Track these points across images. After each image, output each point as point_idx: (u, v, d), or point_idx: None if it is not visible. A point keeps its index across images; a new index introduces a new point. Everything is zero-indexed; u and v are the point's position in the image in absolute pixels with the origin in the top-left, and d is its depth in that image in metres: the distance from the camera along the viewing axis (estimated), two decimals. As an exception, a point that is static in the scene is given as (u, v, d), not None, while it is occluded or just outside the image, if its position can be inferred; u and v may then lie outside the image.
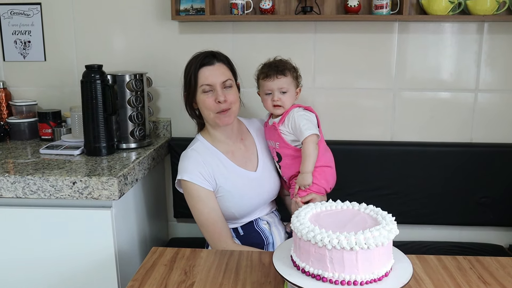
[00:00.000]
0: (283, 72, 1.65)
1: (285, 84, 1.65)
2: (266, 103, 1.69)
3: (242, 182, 1.68)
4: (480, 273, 1.25)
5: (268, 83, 1.66)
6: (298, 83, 1.72)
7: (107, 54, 2.17)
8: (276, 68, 1.66)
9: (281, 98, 1.66)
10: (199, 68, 1.61)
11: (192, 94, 1.64)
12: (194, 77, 1.61)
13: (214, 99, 1.61)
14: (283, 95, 1.66)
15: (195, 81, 1.62)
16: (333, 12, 2.04)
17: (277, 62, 1.69)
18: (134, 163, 1.71)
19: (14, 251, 1.61)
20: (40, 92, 2.25)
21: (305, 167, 1.59)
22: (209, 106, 1.62)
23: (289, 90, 1.66)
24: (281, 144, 1.69)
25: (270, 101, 1.67)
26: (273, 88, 1.65)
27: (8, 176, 1.54)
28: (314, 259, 1.02)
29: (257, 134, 1.80)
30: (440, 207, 2.11)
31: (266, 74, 1.66)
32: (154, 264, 1.31)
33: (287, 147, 1.68)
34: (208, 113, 1.63)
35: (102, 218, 1.56)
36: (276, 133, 1.69)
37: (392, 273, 1.06)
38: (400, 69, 2.11)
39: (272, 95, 1.66)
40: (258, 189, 1.71)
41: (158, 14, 2.12)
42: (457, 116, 2.14)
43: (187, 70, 1.64)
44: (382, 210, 1.12)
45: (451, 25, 2.06)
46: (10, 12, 2.17)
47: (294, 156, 1.67)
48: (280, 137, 1.68)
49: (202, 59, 1.62)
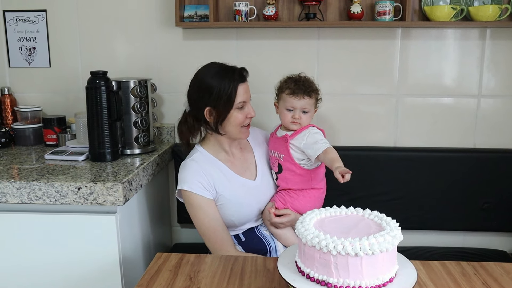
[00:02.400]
0: (309, 94, 1.67)
1: (308, 105, 1.67)
2: (285, 118, 1.70)
3: (241, 190, 1.69)
4: (485, 279, 1.25)
5: (294, 101, 1.67)
6: (317, 105, 1.74)
7: (111, 61, 2.19)
8: (304, 88, 1.66)
9: (302, 117, 1.67)
10: (237, 84, 1.60)
11: (227, 110, 1.61)
12: (235, 93, 1.59)
13: (245, 114, 1.63)
14: (303, 114, 1.68)
15: (235, 97, 1.60)
16: (336, 18, 2.06)
17: (305, 81, 1.69)
18: (138, 169, 1.71)
19: (19, 256, 1.61)
20: (45, 98, 2.27)
21: (338, 164, 1.52)
22: (240, 121, 1.63)
23: (310, 110, 1.69)
24: (285, 157, 1.70)
25: (290, 117, 1.68)
26: (295, 106, 1.67)
27: (14, 182, 1.55)
28: (319, 265, 1.02)
29: (255, 143, 1.82)
30: (444, 212, 2.11)
31: (293, 91, 1.66)
32: (159, 269, 1.31)
33: (291, 162, 1.69)
34: (235, 128, 1.64)
35: (107, 223, 1.57)
36: (284, 146, 1.70)
37: (396, 279, 1.06)
38: (403, 75, 2.12)
39: (294, 113, 1.68)
40: (257, 197, 1.73)
41: (162, 20, 2.14)
42: (460, 121, 2.15)
43: (223, 86, 1.58)
44: (386, 216, 1.13)
45: (453, 31, 2.07)
46: (16, 19, 2.19)
47: (294, 173, 1.69)
48: (287, 150, 1.69)
49: (239, 76, 1.62)
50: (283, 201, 1.71)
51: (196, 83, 1.64)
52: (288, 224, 1.70)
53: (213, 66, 1.65)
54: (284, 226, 1.70)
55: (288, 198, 1.71)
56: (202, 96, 1.62)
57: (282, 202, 1.71)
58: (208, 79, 1.61)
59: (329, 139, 1.73)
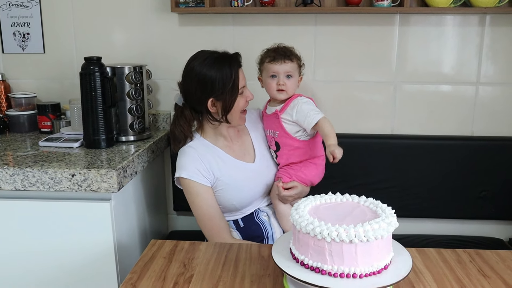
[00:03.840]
0: (290, 58, 1.66)
1: (291, 69, 1.66)
2: (269, 86, 1.68)
3: (241, 174, 1.68)
4: (480, 266, 1.25)
5: (275, 66, 1.65)
6: (301, 71, 1.72)
7: (106, 46, 2.16)
8: (283, 53, 1.66)
9: (286, 82, 1.66)
10: (237, 71, 1.60)
11: (233, 98, 1.60)
12: (237, 80, 1.59)
13: (245, 98, 1.64)
14: (288, 79, 1.66)
15: (238, 84, 1.60)
16: (334, 4, 2.03)
17: (284, 47, 1.70)
18: (133, 156, 1.70)
19: (13, 243, 1.61)
20: (39, 84, 2.24)
21: (331, 141, 1.52)
22: (242, 106, 1.64)
23: (294, 75, 1.67)
24: (280, 133, 1.69)
25: (275, 84, 1.67)
26: (279, 71, 1.65)
27: (7, 169, 1.54)
28: (313, 252, 1.01)
29: (251, 125, 1.80)
30: (441, 200, 2.11)
31: (273, 57, 1.66)
32: (153, 256, 1.31)
33: (287, 137, 1.67)
34: (237, 114, 1.64)
35: (101, 210, 1.56)
36: (276, 122, 1.69)
37: (391, 266, 1.05)
38: (401, 62, 2.10)
39: (278, 79, 1.66)
40: (257, 180, 1.72)
41: (157, 6, 2.11)
42: (458, 109, 2.13)
43: (225, 74, 1.57)
44: (381, 203, 1.12)
45: (452, 18, 2.05)
46: (9, 4, 2.16)
47: (293, 147, 1.68)
48: (280, 126, 1.68)
49: (236, 62, 1.61)
50: (289, 175, 1.69)
51: (193, 76, 1.60)
52: (297, 196, 1.68)
53: (206, 55, 1.61)
54: (292, 199, 1.68)
55: (292, 171, 1.69)
56: (203, 88, 1.59)
57: (287, 176, 1.69)
58: (206, 71, 1.57)
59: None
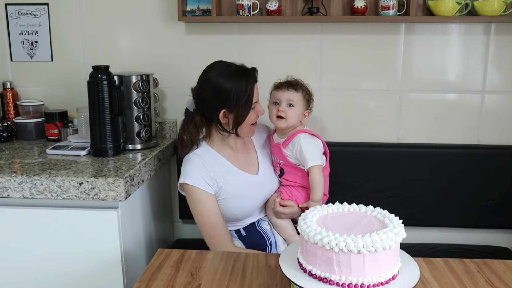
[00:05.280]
0: (294, 87, 1.67)
1: (294, 98, 1.66)
2: (270, 113, 1.71)
3: (244, 185, 1.69)
4: (488, 276, 1.24)
5: (278, 93, 1.68)
6: (309, 106, 1.72)
7: (113, 55, 2.18)
8: (289, 82, 1.69)
9: (287, 110, 1.66)
10: (253, 86, 1.62)
11: (246, 113, 1.61)
12: (252, 95, 1.60)
13: (256, 113, 1.66)
14: (289, 108, 1.66)
15: (252, 99, 1.61)
16: (340, 13, 2.04)
17: (293, 79, 1.72)
18: (140, 164, 1.71)
19: (21, 251, 1.61)
20: (47, 92, 2.26)
21: (314, 196, 1.64)
22: (253, 120, 1.66)
23: (296, 105, 1.67)
24: (285, 162, 1.72)
25: (275, 110, 1.68)
26: (281, 98, 1.67)
27: (16, 176, 1.55)
28: (321, 262, 1.01)
29: (256, 138, 1.81)
30: (446, 209, 2.10)
31: (278, 85, 1.70)
32: (161, 265, 1.31)
33: (291, 166, 1.71)
34: (247, 127, 1.65)
35: (108, 219, 1.56)
36: (280, 152, 1.71)
37: (399, 276, 1.05)
38: (406, 71, 2.11)
39: (278, 105, 1.67)
40: (260, 191, 1.73)
41: (164, 15, 2.12)
42: (463, 118, 2.13)
43: (241, 88, 1.58)
44: (389, 213, 1.12)
45: (458, 26, 2.05)
46: (18, 12, 2.18)
47: (297, 175, 1.71)
48: (284, 157, 1.70)
49: (253, 78, 1.62)
50: (289, 193, 1.72)
51: (208, 86, 1.60)
52: (290, 216, 1.71)
53: (224, 67, 1.62)
54: (285, 217, 1.70)
55: (294, 191, 1.72)
56: (217, 99, 1.60)
57: (288, 194, 1.72)
58: (223, 82, 1.58)
59: (332, 134, 1.73)
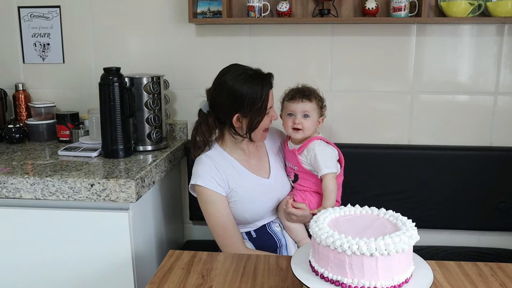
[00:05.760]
0: (308, 97, 1.66)
1: (309, 109, 1.66)
2: (286, 125, 1.70)
3: (255, 188, 1.69)
4: (502, 280, 1.23)
5: (292, 105, 1.67)
6: (322, 113, 1.72)
7: (124, 57, 2.19)
8: (303, 92, 1.67)
9: (303, 122, 1.66)
10: (268, 92, 1.61)
11: (260, 118, 1.61)
12: (267, 101, 1.60)
13: (269, 118, 1.65)
14: (305, 119, 1.66)
15: (267, 105, 1.61)
16: (351, 14, 2.03)
17: (305, 88, 1.70)
18: (151, 166, 1.71)
19: (32, 251, 1.62)
20: (59, 94, 2.27)
21: (327, 203, 1.63)
22: (266, 125, 1.65)
23: (311, 115, 1.66)
24: (299, 169, 1.71)
25: (291, 123, 1.67)
26: (295, 110, 1.66)
27: (28, 178, 1.56)
28: (333, 265, 1.01)
29: (269, 142, 1.81)
30: (458, 211, 2.08)
31: (291, 96, 1.68)
32: (172, 267, 1.31)
33: (306, 172, 1.70)
34: (260, 132, 1.65)
35: (120, 220, 1.57)
36: (295, 158, 1.71)
37: (412, 280, 1.04)
38: (418, 72, 2.09)
39: (294, 118, 1.66)
40: (270, 195, 1.73)
41: (175, 17, 2.13)
42: (476, 119, 2.11)
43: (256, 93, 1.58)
44: (401, 216, 1.11)
45: (470, 27, 2.03)
46: (30, 15, 2.20)
47: (311, 181, 1.70)
48: (299, 163, 1.70)
49: (269, 83, 1.62)
50: (303, 197, 1.71)
51: (224, 89, 1.60)
52: (301, 218, 1.69)
53: (240, 71, 1.61)
54: (296, 219, 1.69)
55: (308, 195, 1.71)
56: (232, 103, 1.59)
57: (301, 197, 1.71)
58: (238, 86, 1.57)
59: (342, 136, 1.72)
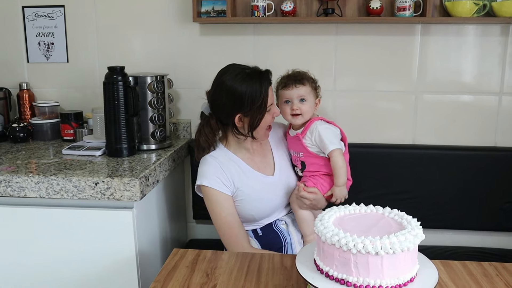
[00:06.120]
0: (301, 82, 1.66)
1: (304, 93, 1.65)
2: (284, 112, 1.69)
3: (260, 186, 1.69)
4: (507, 280, 1.22)
5: (287, 92, 1.66)
6: (317, 94, 1.71)
7: (128, 56, 2.19)
8: (294, 78, 1.67)
9: (300, 107, 1.65)
10: (267, 89, 1.60)
11: (261, 116, 1.60)
12: (266, 98, 1.59)
13: (271, 115, 1.65)
14: (302, 103, 1.66)
15: (267, 102, 1.60)
16: (355, 14, 2.03)
17: (296, 73, 1.70)
18: (155, 165, 1.71)
19: (36, 250, 1.63)
20: (63, 93, 2.28)
21: (338, 181, 1.63)
22: (268, 122, 1.65)
23: (308, 99, 1.66)
24: (305, 154, 1.70)
25: (289, 109, 1.67)
26: (292, 97, 1.66)
27: (32, 176, 1.56)
28: (338, 263, 1.01)
29: (273, 139, 1.80)
30: (463, 211, 2.08)
31: (285, 83, 1.67)
32: (176, 265, 1.31)
33: (312, 156, 1.68)
34: (262, 130, 1.65)
35: (124, 218, 1.57)
36: (299, 144, 1.70)
37: (417, 279, 1.04)
38: (422, 72, 2.09)
39: (291, 104, 1.66)
40: (276, 192, 1.73)
41: (179, 16, 2.13)
42: (480, 119, 2.11)
43: (255, 91, 1.57)
44: (406, 215, 1.11)
45: (475, 27, 2.03)
46: (35, 14, 2.21)
47: (319, 165, 1.68)
48: (304, 148, 1.69)
49: (267, 80, 1.61)
50: (314, 182, 1.69)
51: (223, 90, 1.60)
52: (314, 203, 1.65)
53: (237, 70, 1.61)
54: (309, 202, 1.64)
55: (319, 179, 1.69)
56: (232, 103, 1.59)
57: (313, 182, 1.69)
58: (237, 86, 1.57)
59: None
